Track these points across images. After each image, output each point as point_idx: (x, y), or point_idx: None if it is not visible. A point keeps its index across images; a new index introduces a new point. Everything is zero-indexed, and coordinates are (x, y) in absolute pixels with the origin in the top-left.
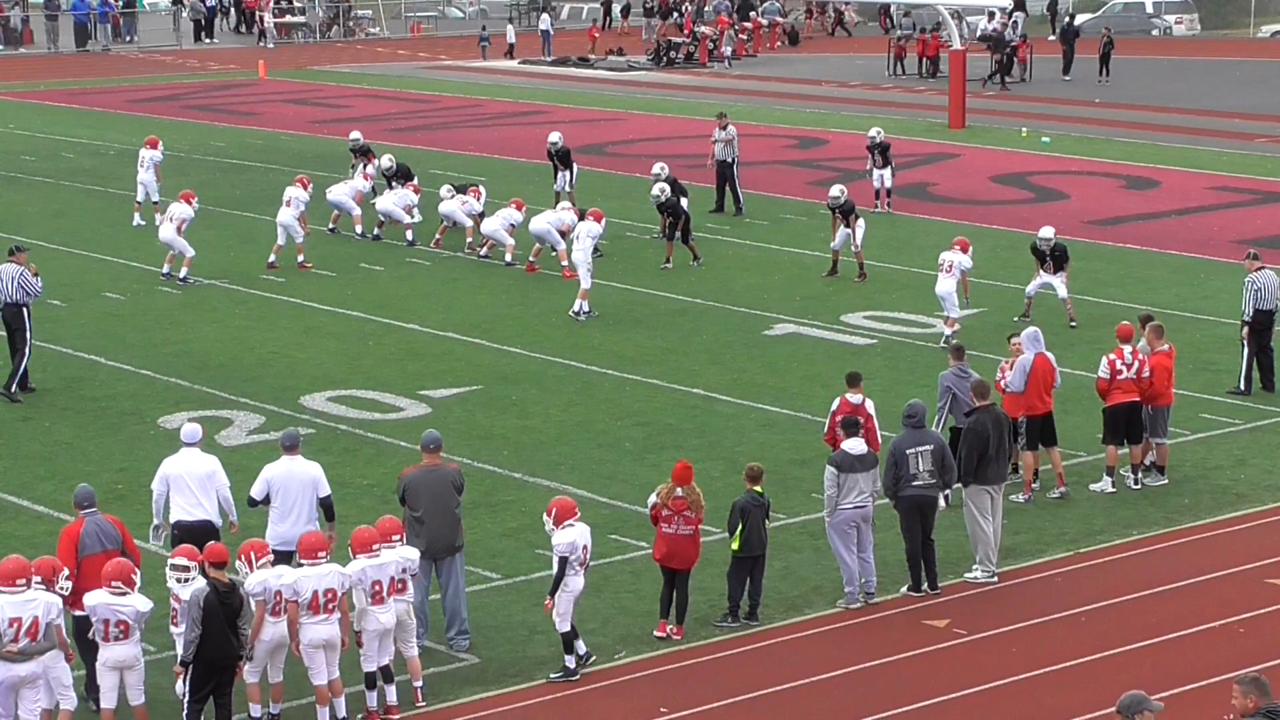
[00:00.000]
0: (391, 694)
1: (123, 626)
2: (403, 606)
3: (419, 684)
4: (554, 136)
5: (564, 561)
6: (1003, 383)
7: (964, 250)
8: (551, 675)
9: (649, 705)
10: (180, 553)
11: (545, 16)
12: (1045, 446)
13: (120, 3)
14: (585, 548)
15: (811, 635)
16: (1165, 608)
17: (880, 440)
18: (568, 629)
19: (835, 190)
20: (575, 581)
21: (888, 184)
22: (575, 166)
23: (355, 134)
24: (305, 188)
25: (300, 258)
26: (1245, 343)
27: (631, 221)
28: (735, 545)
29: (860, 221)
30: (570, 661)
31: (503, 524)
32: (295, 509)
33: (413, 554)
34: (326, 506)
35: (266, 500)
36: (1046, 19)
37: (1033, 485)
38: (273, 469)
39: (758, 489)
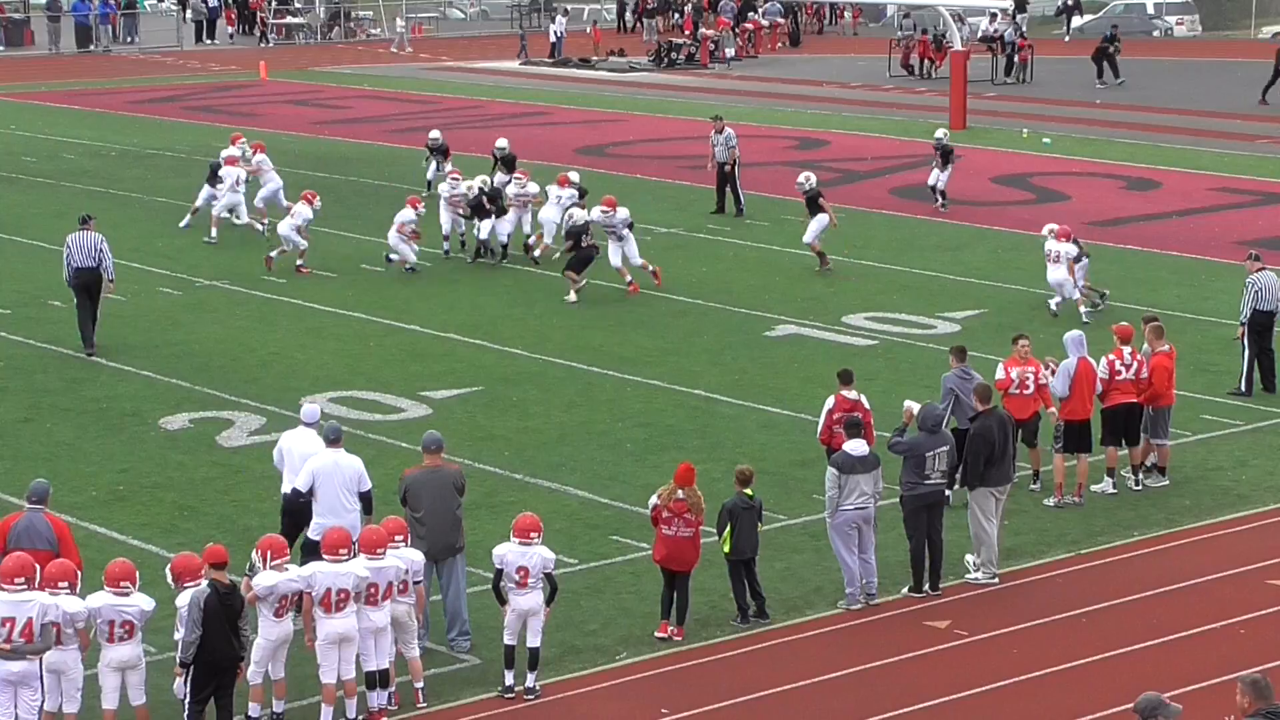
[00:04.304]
0: (380, 699)
1: (127, 626)
2: (403, 608)
3: (420, 685)
4: (501, 142)
5: (496, 574)
6: (1012, 386)
7: (1066, 239)
8: (497, 689)
9: (650, 706)
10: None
11: (561, 19)
12: (1076, 453)
13: (121, 3)
14: (522, 569)
15: (813, 636)
16: (1167, 609)
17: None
18: (509, 643)
19: (802, 177)
20: (516, 599)
21: (941, 185)
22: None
23: (435, 133)
24: (311, 203)
25: (299, 262)
26: (1245, 344)
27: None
28: (726, 548)
29: (823, 216)
30: (508, 677)
31: (504, 525)
32: (339, 502)
33: (416, 556)
34: (366, 500)
35: (310, 493)
36: (1048, 19)
37: (1082, 490)
38: (317, 462)
39: (748, 491)
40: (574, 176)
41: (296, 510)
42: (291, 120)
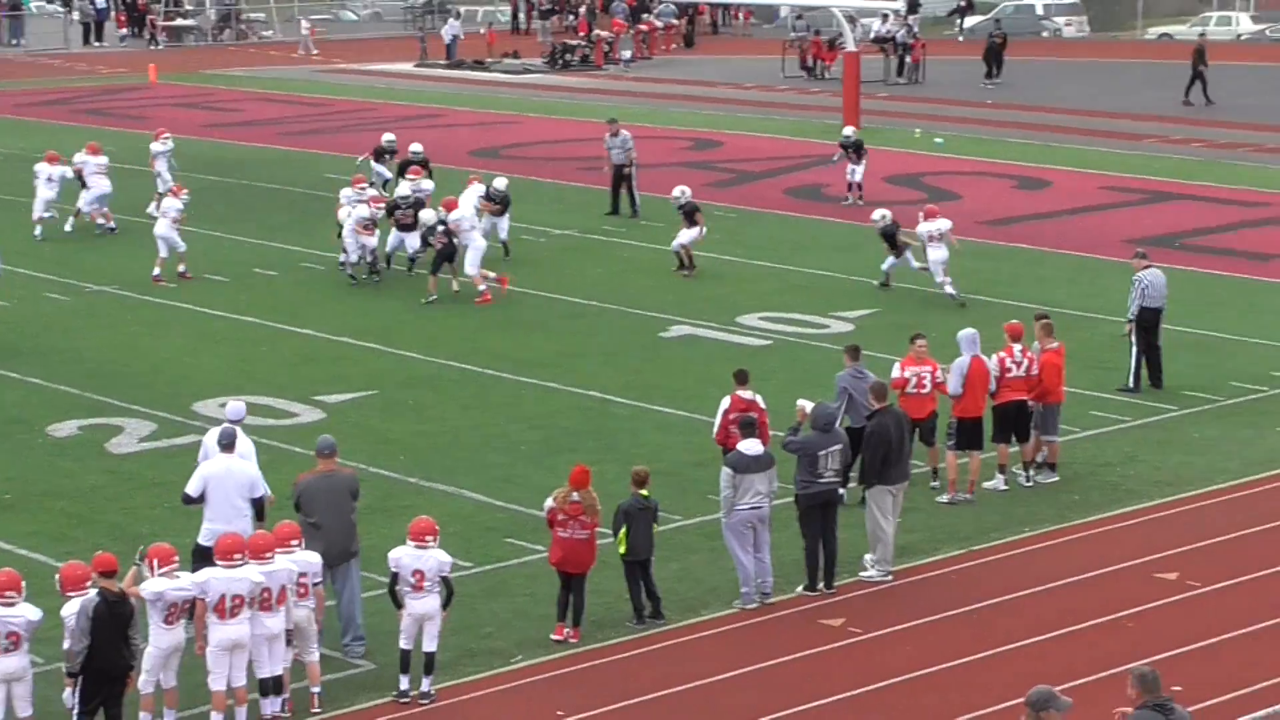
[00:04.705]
0: (273, 706)
1: (13, 638)
2: (303, 613)
3: (317, 689)
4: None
5: (392, 578)
6: (908, 384)
7: (935, 216)
8: (392, 693)
9: (547, 708)
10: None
11: (454, 23)
12: (969, 450)
13: (5, 4)
14: (418, 572)
15: (708, 636)
16: (1057, 603)
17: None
18: (405, 647)
19: (677, 190)
20: (412, 603)
21: (858, 179)
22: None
23: (389, 136)
24: (178, 195)
25: (181, 268)
26: (1133, 340)
27: (527, 225)
28: (622, 549)
29: (700, 228)
30: (403, 682)
31: (400, 529)
32: (231, 508)
33: (314, 559)
34: (258, 507)
35: (201, 498)
36: (940, 20)
37: (974, 487)
38: (210, 467)
39: (644, 493)
40: (500, 184)
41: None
42: (182, 123)
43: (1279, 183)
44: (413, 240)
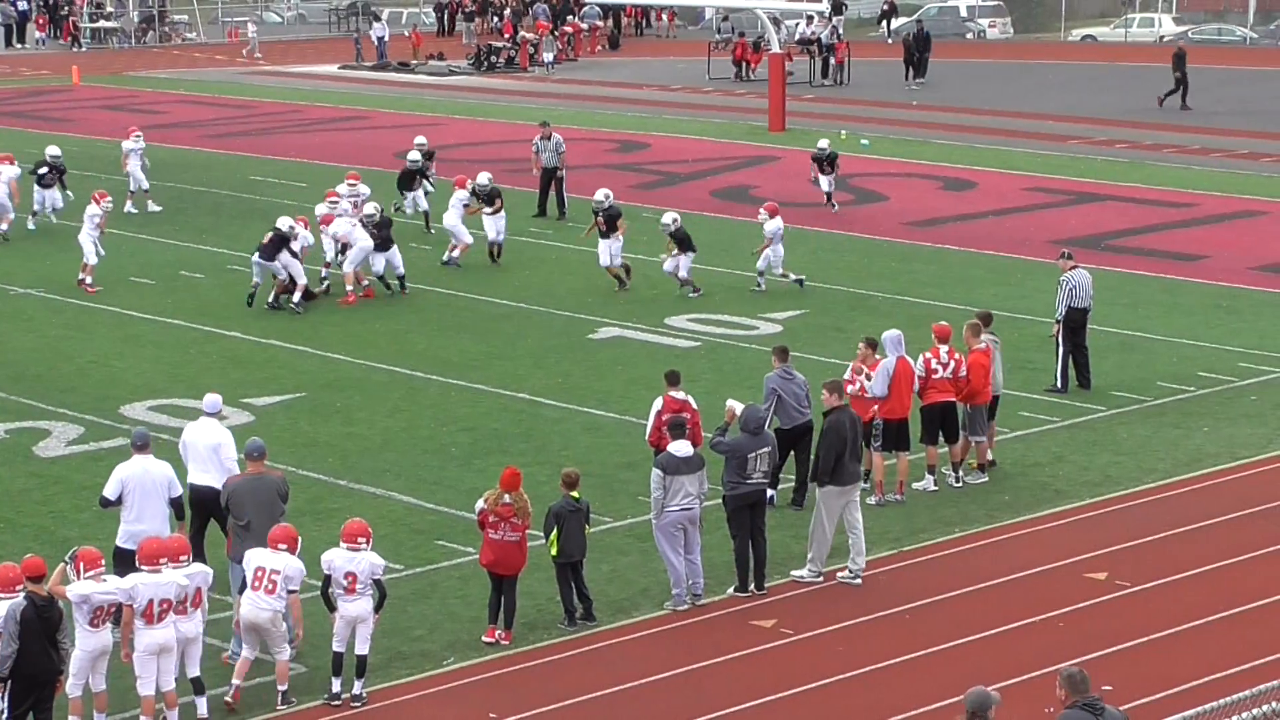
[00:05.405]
0: (202, 707)
1: None
2: (265, 614)
3: (283, 688)
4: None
5: (324, 580)
6: (851, 387)
7: (776, 214)
8: (324, 696)
9: (478, 711)
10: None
11: (377, 25)
12: (896, 451)
13: None
14: (350, 574)
15: (640, 638)
16: (988, 603)
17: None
18: (337, 649)
19: (600, 194)
20: (344, 606)
21: (830, 188)
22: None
23: (421, 138)
24: (99, 203)
25: (84, 276)
26: (1060, 341)
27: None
28: (553, 551)
29: (619, 236)
30: (335, 685)
31: (329, 532)
32: (149, 509)
33: (297, 564)
34: (176, 506)
35: (119, 500)
36: (865, 21)
37: (903, 488)
38: (126, 469)
39: (574, 494)
40: (483, 179)
41: (206, 502)
42: (106, 125)
43: (1203, 183)
44: (394, 257)
